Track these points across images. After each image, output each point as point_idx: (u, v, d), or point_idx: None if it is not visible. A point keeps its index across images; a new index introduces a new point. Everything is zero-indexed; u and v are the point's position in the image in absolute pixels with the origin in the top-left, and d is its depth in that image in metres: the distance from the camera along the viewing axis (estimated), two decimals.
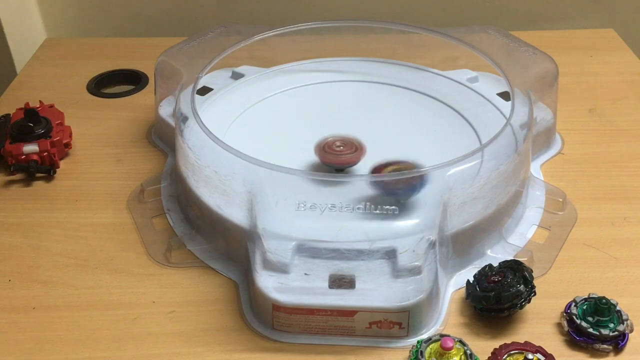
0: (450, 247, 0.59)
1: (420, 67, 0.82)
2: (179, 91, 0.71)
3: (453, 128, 0.72)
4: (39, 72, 0.93)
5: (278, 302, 0.54)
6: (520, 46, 0.78)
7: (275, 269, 0.54)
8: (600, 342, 0.53)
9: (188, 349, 0.55)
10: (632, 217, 0.66)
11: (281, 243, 0.55)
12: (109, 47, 0.99)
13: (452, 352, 0.51)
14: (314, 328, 0.54)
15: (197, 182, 0.63)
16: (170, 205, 0.68)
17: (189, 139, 0.65)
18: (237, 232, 0.59)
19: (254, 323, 0.56)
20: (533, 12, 1.07)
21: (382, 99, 0.78)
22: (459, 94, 0.77)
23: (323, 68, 0.83)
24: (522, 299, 0.54)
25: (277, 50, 0.83)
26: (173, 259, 0.62)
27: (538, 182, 0.70)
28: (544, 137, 0.74)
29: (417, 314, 0.54)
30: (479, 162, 0.61)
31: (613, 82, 0.88)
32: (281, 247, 0.55)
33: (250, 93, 0.78)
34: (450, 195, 0.58)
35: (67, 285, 0.61)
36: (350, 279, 0.54)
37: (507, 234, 0.64)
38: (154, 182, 0.71)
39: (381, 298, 0.53)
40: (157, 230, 0.66)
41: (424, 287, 0.54)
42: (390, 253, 0.54)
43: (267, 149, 0.68)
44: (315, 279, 0.54)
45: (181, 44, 0.80)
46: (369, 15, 1.06)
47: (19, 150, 0.72)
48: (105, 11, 1.07)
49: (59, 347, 0.55)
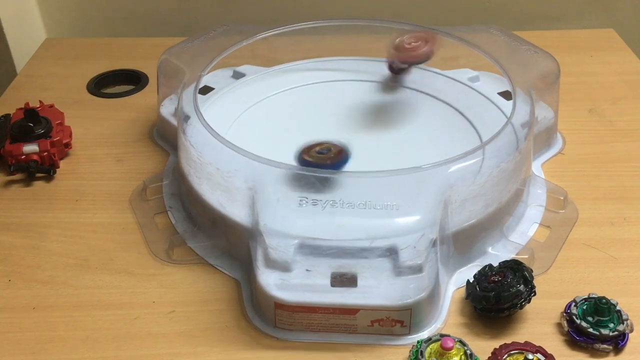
0: (452, 245, 0.59)
1: (422, 66, 0.82)
2: (181, 90, 0.72)
3: (454, 127, 0.72)
4: (39, 72, 0.93)
5: (280, 300, 0.54)
6: (521, 45, 0.78)
7: (277, 267, 0.54)
8: (600, 342, 0.53)
9: (188, 349, 0.55)
10: (632, 217, 0.66)
11: (283, 240, 0.55)
12: (109, 47, 0.99)
13: (452, 352, 0.51)
14: (316, 326, 0.54)
15: (199, 179, 0.64)
16: (172, 202, 0.69)
17: (191, 137, 0.65)
18: (239, 230, 0.59)
19: (255, 321, 0.56)
20: (533, 12, 1.07)
21: (383, 98, 0.78)
22: (460, 93, 0.77)
23: (324, 67, 0.83)
24: (522, 299, 0.54)
25: (279, 50, 0.83)
26: (175, 256, 0.62)
27: (539, 181, 0.70)
28: (545, 136, 0.74)
29: (419, 311, 0.54)
30: (480, 159, 0.61)
31: (613, 82, 0.88)
32: (283, 245, 0.55)
33: (252, 92, 0.78)
34: (452, 192, 0.58)
35: (67, 285, 0.61)
36: (352, 276, 0.54)
37: (508, 232, 0.64)
38: (156, 179, 0.71)
39: (383, 296, 0.53)
40: (159, 228, 0.66)
41: (425, 285, 0.54)
42: (392, 250, 0.54)
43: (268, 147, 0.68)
44: (317, 277, 0.54)
45: (183, 42, 0.80)
46: (371, 14, 1.06)
47: (19, 150, 0.72)
48: (105, 11, 1.07)
49: (59, 347, 0.55)
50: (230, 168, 0.61)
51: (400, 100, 0.78)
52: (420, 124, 0.74)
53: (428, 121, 0.74)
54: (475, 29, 0.81)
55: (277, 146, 0.69)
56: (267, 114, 0.75)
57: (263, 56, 0.82)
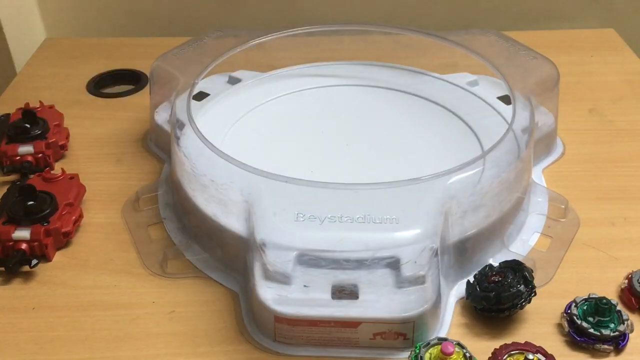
0: (452, 256, 0.58)
1: (420, 70, 0.82)
2: (174, 97, 0.71)
3: (453, 132, 0.72)
4: (39, 72, 0.93)
5: (280, 314, 0.52)
6: (520, 50, 0.77)
7: (276, 280, 0.53)
8: (601, 343, 0.53)
9: (188, 349, 0.55)
10: (632, 217, 0.66)
11: (281, 254, 0.54)
12: (109, 47, 0.98)
13: (452, 356, 0.50)
14: (317, 340, 0.53)
15: (194, 190, 0.62)
16: (167, 213, 0.67)
17: (184, 147, 0.64)
18: (235, 242, 0.58)
19: (255, 335, 0.55)
20: (533, 12, 1.07)
21: (381, 103, 0.77)
22: (458, 97, 0.77)
23: (321, 72, 0.82)
24: (522, 299, 0.54)
25: (275, 55, 0.82)
26: (169, 268, 0.61)
27: (540, 189, 0.69)
28: (545, 143, 0.73)
29: (421, 324, 0.53)
30: (481, 170, 0.60)
31: (613, 82, 0.88)
32: (281, 258, 0.54)
33: (248, 98, 0.77)
34: (452, 204, 0.57)
35: (67, 285, 0.60)
36: (353, 289, 0.53)
37: (509, 241, 0.63)
38: (149, 190, 0.70)
39: (385, 309, 0.52)
40: (152, 240, 0.65)
41: (428, 297, 0.53)
42: (393, 263, 0.54)
43: (264, 156, 0.67)
44: (317, 290, 0.53)
45: (177, 48, 0.79)
46: (367, 19, 1.06)
47: (14, 151, 0.72)
48: (105, 11, 1.07)
49: (58, 347, 0.55)
50: (226, 180, 0.59)
51: (399, 105, 0.77)
52: (419, 129, 0.73)
53: (427, 126, 0.73)
54: (474, 33, 0.80)
55: (273, 153, 0.69)
56: (263, 121, 0.74)
57: (258, 62, 0.82)
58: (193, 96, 0.71)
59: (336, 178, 0.59)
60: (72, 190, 0.66)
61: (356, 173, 0.67)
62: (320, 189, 0.58)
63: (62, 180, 0.67)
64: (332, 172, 0.67)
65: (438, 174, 0.58)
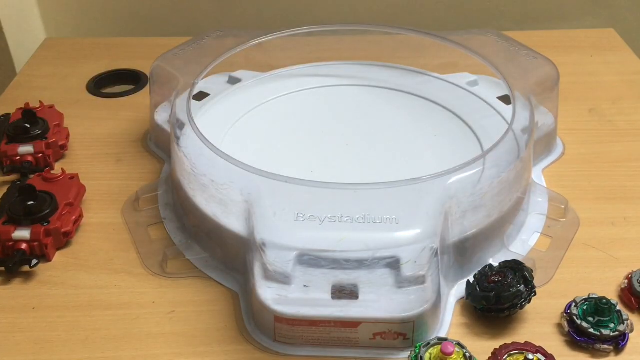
0: (452, 256, 0.58)
1: (419, 70, 0.82)
2: (174, 97, 0.71)
3: (453, 132, 0.72)
4: (39, 72, 0.93)
5: (280, 314, 0.52)
6: (520, 50, 0.77)
7: (276, 280, 0.53)
8: (601, 343, 0.53)
9: (188, 349, 0.55)
10: (632, 217, 0.66)
11: (281, 254, 0.54)
12: (109, 47, 0.98)
13: (452, 356, 0.50)
14: (317, 340, 0.53)
15: (194, 190, 0.62)
16: (167, 213, 0.67)
17: (184, 147, 0.64)
18: (235, 242, 0.58)
19: (255, 334, 0.55)
20: (533, 12, 1.07)
21: (381, 103, 0.77)
22: (458, 97, 0.77)
23: (321, 72, 0.82)
24: (522, 299, 0.54)
25: (275, 55, 0.82)
26: (169, 268, 0.61)
27: (540, 189, 0.69)
28: (544, 143, 0.73)
29: (421, 324, 0.53)
30: (481, 169, 0.60)
31: (613, 82, 0.88)
32: (281, 258, 0.54)
33: (248, 98, 0.77)
34: (452, 204, 0.57)
35: (67, 285, 0.60)
36: (353, 289, 0.53)
37: (509, 241, 0.63)
38: (149, 190, 0.70)
39: (385, 309, 0.52)
40: (152, 240, 0.65)
41: (428, 297, 0.53)
42: (393, 263, 0.54)
43: (264, 155, 0.67)
44: (317, 290, 0.53)
45: (176, 48, 0.79)
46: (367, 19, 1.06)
47: (14, 151, 0.72)
48: (105, 11, 1.07)
49: (58, 347, 0.55)
50: (226, 180, 0.59)
51: (399, 105, 0.77)
52: (419, 129, 0.73)
53: (427, 126, 0.73)
54: (474, 33, 0.80)
55: (273, 155, 0.69)
56: (263, 121, 0.74)
57: (258, 62, 0.82)
58: (193, 96, 0.71)
59: (336, 178, 0.59)
60: (72, 190, 0.66)
61: (356, 173, 0.67)
62: (320, 189, 0.58)
63: (62, 180, 0.67)
64: (332, 172, 0.67)
65: (438, 174, 0.58)
